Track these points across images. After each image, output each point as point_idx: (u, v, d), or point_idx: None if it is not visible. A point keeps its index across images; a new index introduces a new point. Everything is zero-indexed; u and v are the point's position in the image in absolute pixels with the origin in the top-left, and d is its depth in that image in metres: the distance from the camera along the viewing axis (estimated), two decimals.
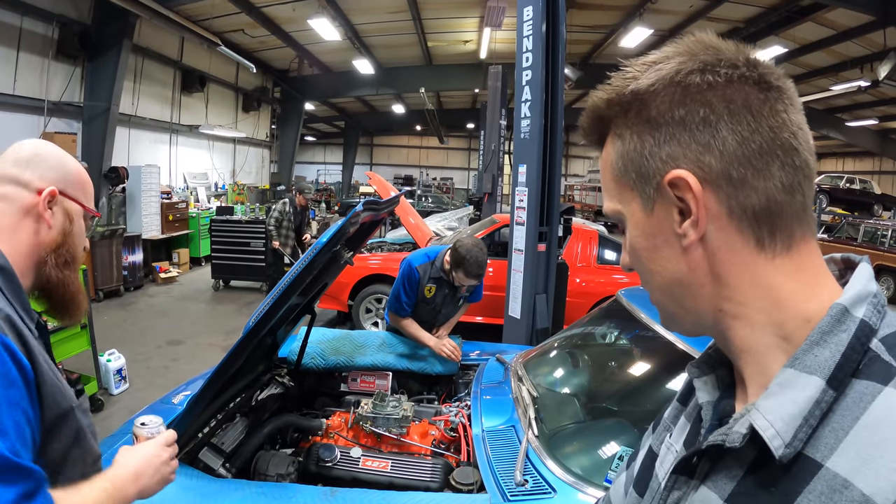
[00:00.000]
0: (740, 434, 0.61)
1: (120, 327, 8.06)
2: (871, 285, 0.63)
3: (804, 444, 0.56)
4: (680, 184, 0.64)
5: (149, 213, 11.41)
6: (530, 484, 2.18)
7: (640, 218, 0.71)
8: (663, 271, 0.70)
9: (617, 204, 0.74)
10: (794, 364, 0.60)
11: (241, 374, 2.89)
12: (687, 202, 0.65)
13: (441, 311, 3.99)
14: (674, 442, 0.82)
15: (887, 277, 13.17)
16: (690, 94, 0.64)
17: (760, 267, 0.64)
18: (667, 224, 0.67)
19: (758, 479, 0.60)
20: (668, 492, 0.73)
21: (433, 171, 38.00)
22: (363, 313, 7.90)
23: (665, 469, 0.79)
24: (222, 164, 18.30)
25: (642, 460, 0.91)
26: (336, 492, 2.16)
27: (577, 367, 3.21)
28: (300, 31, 14.98)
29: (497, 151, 10.00)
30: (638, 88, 0.67)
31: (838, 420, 0.55)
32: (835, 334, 0.59)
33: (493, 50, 15.54)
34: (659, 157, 0.66)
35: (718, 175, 0.63)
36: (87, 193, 1.36)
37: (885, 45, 12.73)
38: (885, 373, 0.55)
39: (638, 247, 0.72)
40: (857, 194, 20.80)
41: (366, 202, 2.52)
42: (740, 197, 0.63)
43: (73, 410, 1.14)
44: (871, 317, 0.60)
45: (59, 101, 10.13)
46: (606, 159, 0.74)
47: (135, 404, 5.17)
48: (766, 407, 0.60)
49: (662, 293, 0.72)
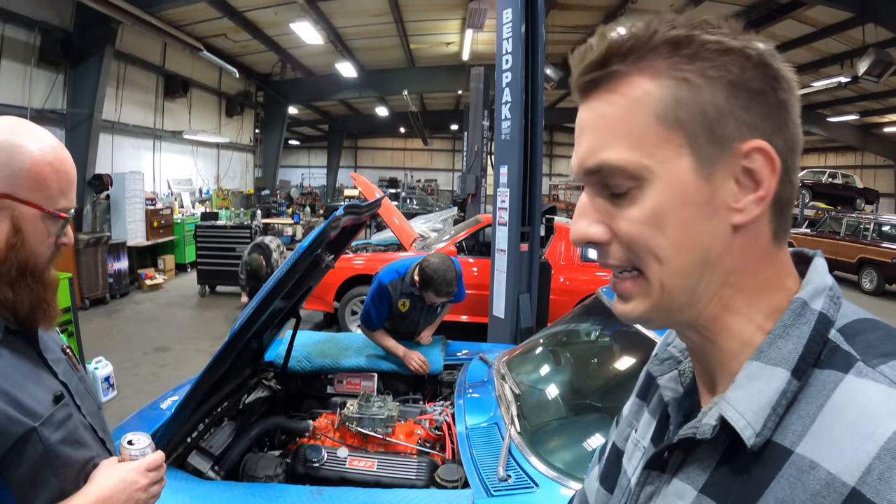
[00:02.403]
0: (710, 426, 0.62)
1: (107, 335, 8.04)
2: (827, 279, 0.66)
3: (773, 432, 0.59)
4: (756, 156, 0.61)
5: (133, 219, 11.37)
6: (513, 479, 2.23)
7: (687, 181, 0.62)
8: (695, 249, 0.63)
9: (645, 157, 0.62)
10: (759, 357, 0.62)
11: (228, 379, 2.92)
12: (758, 177, 0.61)
13: (420, 321, 4.00)
14: (640, 438, 0.84)
15: (870, 270, 13.42)
16: (774, 75, 0.62)
17: (766, 257, 0.65)
18: (722, 194, 0.62)
19: (731, 468, 0.62)
20: (641, 487, 0.75)
21: (418, 172, 38.01)
22: (349, 315, 7.94)
23: (634, 465, 0.81)
24: (206, 169, 18.23)
25: (608, 456, 0.93)
26: (323, 490, 2.20)
27: (560, 364, 3.26)
28: (282, 35, 14.96)
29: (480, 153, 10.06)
30: (727, 45, 0.61)
31: (804, 408, 0.58)
32: (796, 327, 0.62)
33: (476, 52, 15.58)
34: (743, 121, 0.61)
35: (781, 158, 0.62)
36: (45, 189, 1.15)
37: (863, 41, 12.87)
38: (844, 362, 0.58)
39: (672, 215, 0.62)
40: (840, 189, 21.04)
41: (347, 206, 2.56)
42: (785, 185, 0.63)
43: (35, 431, 1.08)
44: (829, 309, 0.63)
45: (42, 108, 10.07)
46: (644, 99, 0.62)
47: (123, 412, 5.17)
48: (736, 398, 0.61)
49: (680, 276, 0.64)
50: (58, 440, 1.12)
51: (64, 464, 1.14)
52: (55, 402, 1.16)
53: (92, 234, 9.98)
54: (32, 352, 1.20)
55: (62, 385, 1.21)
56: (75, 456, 1.17)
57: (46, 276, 1.21)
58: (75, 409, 1.23)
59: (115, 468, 1.22)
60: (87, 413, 1.28)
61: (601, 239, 0.66)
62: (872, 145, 25.05)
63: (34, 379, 1.15)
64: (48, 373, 1.20)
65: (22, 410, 1.07)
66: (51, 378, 1.20)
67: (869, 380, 0.55)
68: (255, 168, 22.56)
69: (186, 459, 2.51)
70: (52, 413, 1.13)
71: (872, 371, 0.56)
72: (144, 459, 1.27)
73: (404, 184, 33.21)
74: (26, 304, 1.15)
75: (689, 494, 0.66)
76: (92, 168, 10.73)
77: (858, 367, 0.57)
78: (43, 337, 1.25)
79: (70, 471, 1.16)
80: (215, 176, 18.93)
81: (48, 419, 1.11)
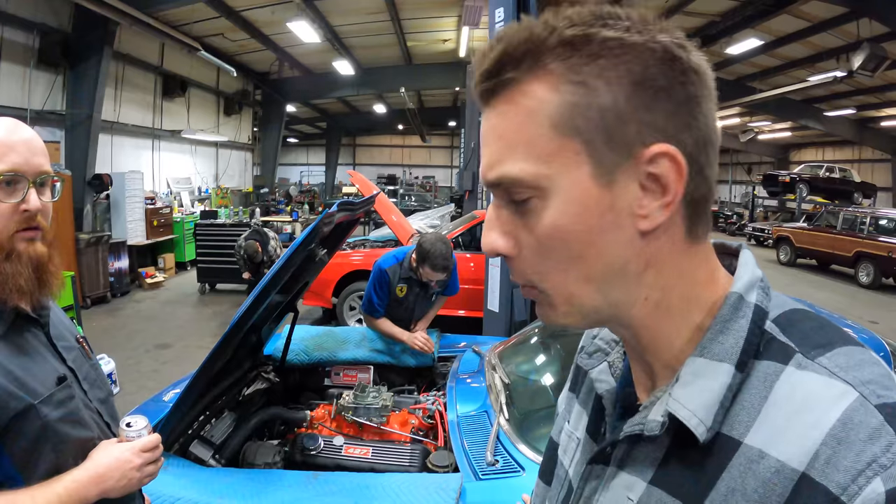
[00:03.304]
0: (658, 422, 0.62)
1: (108, 333, 8.13)
2: (757, 271, 0.67)
3: (721, 425, 0.60)
4: (662, 161, 0.58)
5: (133, 219, 11.45)
6: (501, 463, 2.32)
7: (586, 189, 0.59)
8: (601, 257, 0.61)
9: (542, 166, 0.60)
10: (702, 353, 0.62)
11: (229, 371, 3.02)
12: (664, 182, 0.59)
13: (415, 308, 4.08)
14: (573, 429, 0.84)
15: (867, 264, 13.43)
16: (682, 69, 0.59)
17: (685, 256, 0.64)
18: (624, 201, 0.60)
19: (680, 460, 0.63)
20: (585, 481, 0.76)
21: (416, 169, 38.00)
22: (347, 310, 8.04)
23: (570, 457, 0.83)
24: (205, 168, 18.27)
25: (546, 450, 0.94)
26: (318, 475, 2.30)
27: (550, 355, 3.35)
28: (280, 33, 14.98)
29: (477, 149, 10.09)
30: (628, 41, 0.58)
31: (748, 399, 0.59)
32: (735, 321, 0.62)
33: (472, 48, 15.58)
34: (645, 123, 0.58)
35: (690, 159, 0.60)
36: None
37: (858, 35, 12.91)
38: (783, 353, 0.60)
39: (571, 226, 0.60)
40: (837, 183, 21.10)
41: (341, 202, 2.65)
42: (697, 184, 0.61)
43: (34, 407, 1.15)
44: (763, 300, 0.64)
45: (42, 109, 10.13)
46: (537, 107, 0.59)
47: (126, 407, 5.17)
48: (684, 396, 0.61)
49: (588, 284, 0.63)
50: (56, 418, 1.20)
51: (62, 440, 1.21)
52: (58, 383, 1.24)
53: (92, 233, 10.06)
54: (43, 336, 1.29)
55: (69, 369, 1.30)
56: (74, 434, 1.25)
57: (13, 248, 1.20)
58: (81, 392, 1.32)
59: (111, 447, 1.29)
60: (94, 398, 1.37)
61: (508, 252, 0.65)
62: (869, 139, 25.02)
63: (40, 361, 1.24)
64: (56, 357, 1.29)
65: (23, 388, 1.15)
66: (58, 362, 1.29)
67: (809, 371, 0.58)
68: (254, 166, 22.58)
69: (189, 448, 2.61)
70: (52, 393, 1.21)
71: (811, 363, 0.58)
72: (140, 440, 1.33)
73: (402, 181, 33.22)
74: None
75: (638, 486, 0.66)
76: (92, 168, 10.78)
77: (798, 359, 0.59)
78: (56, 325, 1.34)
79: (67, 447, 1.23)
80: (214, 174, 18.97)
81: (48, 398, 1.19)
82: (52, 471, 1.20)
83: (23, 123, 1.25)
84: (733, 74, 18.95)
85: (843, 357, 0.58)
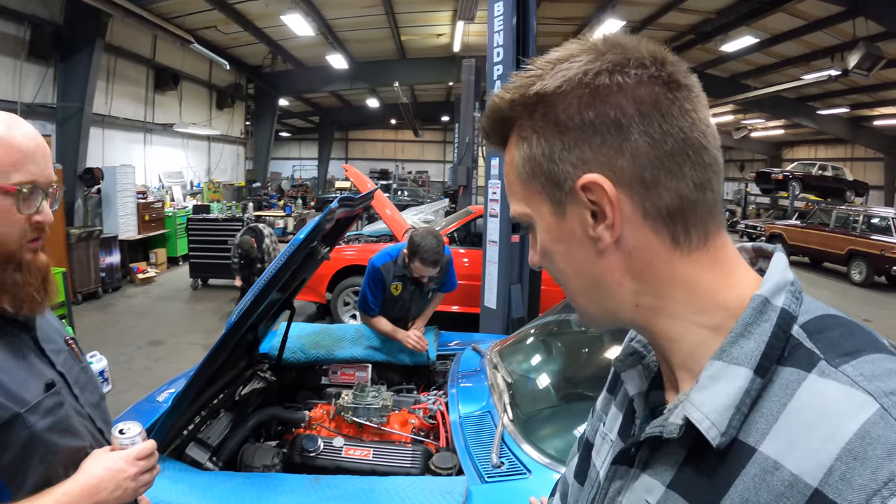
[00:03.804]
0: (677, 425, 0.63)
1: (100, 329, 8.04)
2: (788, 274, 0.65)
3: (738, 431, 0.59)
4: (594, 188, 0.64)
5: (125, 213, 11.34)
6: (506, 466, 2.27)
7: (551, 222, 0.69)
8: (579, 273, 0.70)
9: (525, 207, 0.72)
10: (721, 356, 0.62)
11: (224, 371, 2.95)
12: (601, 206, 0.64)
13: (411, 306, 4.05)
14: (607, 431, 0.85)
15: (859, 262, 13.52)
16: (600, 97, 0.63)
17: (678, 262, 0.65)
18: (580, 227, 0.66)
19: (697, 465, 0.63)
20: (609, 482, 0.76)
21: (409, 164, 37.94)
22: (341, 306, 8.01)
23: (602, 458, 0.83)
24: (197, 162, 18.17)
25: (581, 450, 0.95)
26: (320, 479, 2.24)
27: (551, 353, 3.31)
28: (273, 26, 14.90)
29: (471, 144, 10.05)
30: (544, 90, 0.65)
31: (768, 406, 0.58)
32: (758, 325, 0.61)
33: (467, 43, 15.57)
34: (569, 162, 0.65)
35: (632, 178, 0.63)
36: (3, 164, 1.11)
37: (854, 34, 12.95)
38: (808, 360, 0.58)
39: (550, 250, 0.71)
40: (830, 181, 21.21)
41: (341, 198, 2.59)
42: (654, 198, 0.63)
43: (20, 417, 1.08)
44: (791, 305, 0.62)
45: (33, 102, 10.01)
46: (511, 162, 0.71)
47: (119, 406, 5.15)
48: (700, 400, 0.61)
49: (580, 295, 0.72)
50: (44, 427, 1.13)
51: (50, 451, 1.15)
52: (46, 390, 1.16)
53: (83, 228, 9.95)
54: (29, 340, 1.21)
55: (58, 374, 1.23)
56: (63, 444, 1.18)
57: (23, 258, 1.17)
58: (71, 398, 1.25)
59: (103, 457, 1.23)
60: (85, 403, 1.29)
61: (537, 265, 0.77)
62: (862, 138, 25.17)
63: (26, 367, 1.16)
64: (44, 362, 1.22)
65: (8, 396, 1.08)
66: (45, 367, 1.21)
67: (831, 380, 0.56)
68: (246, 160, 22.49)
69: (184, 451, 2.54)
70: (40, 401, 1.14)
71: (835, 371, 0.56)
72: (134, 448, 1.27)
73: (395, 175, 33.15)
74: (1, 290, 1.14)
75: (657, 490, 0.67)
76: (83, 162, 10.68)
77: (821, 367, 0.57)
78: (43, 327, 1.26)
79: (56, 458, 1.16)
80: (206, 169, 18.88)
81: (35, 406, 1.12)
82: (42, 483, 1.13)
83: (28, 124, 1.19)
84: (727, 72, 19.03)
85: (870, 365, 0.56)
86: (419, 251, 3.59)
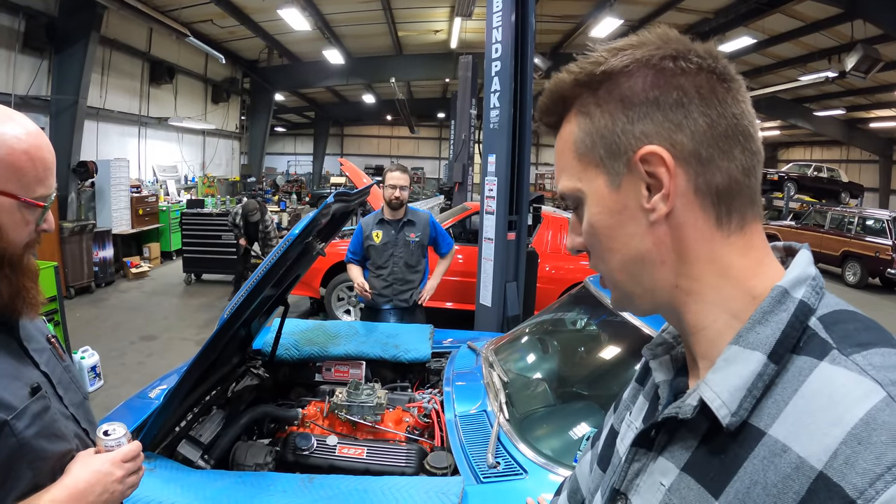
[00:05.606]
0: (691, 406, 0.66)
1: (92, 324, 8.00)
2: (811, 269, 0.68)
3: (749, 414, 0.62)
4: (652, 159, 0.67)
5: (118, 207, 11.29)
6: (502, 466, 2.25)
7: (605, 194, 0.72)
8: (625, 248, 0.72)
9: (577, 182, 0.75)
10: (738, 341, 0.65)
11: (217, 367, 2.91)
12: (658, 177, 0.68)
13: (394, 252, 4.58)
14: (633, 419, 0.88)
15: (854, 263, 13.57)
16: (665, 77, 0.68)
17: (717, 244, 0.69)
18: (634, 200, 0.70)
19: (710, 447, 0.66)
20: (629, 464, 0.78)
21: (404, 160, 37.81)
22: (335, 301, 7.97)
23: (626, 445, 0.84)
24: (192, 156, 18.10)
25: (605, 439, 0.97)
26: (314, 478, 2.20)
27: (547, 352, 3.28)
28: (270, 20, 14.83)
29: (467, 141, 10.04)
30: (611, 69, 0.69)
31: (780, 392, 0.61)
32: (776, 314, 0.64)
33: (464, 39, 15.53)
34: (632, 134, 0.69)
35: (689, 153, 0.67)
36: (20, 178, 1.10)
37: (851, 37, 12.97)
38: (821, 349, 0.61)
39: (599, 224, 0.74)
40: (825, 182, 21.20)
41: (337, 194, 2.55)
42: (707, 175, 0.67)
43: (7, 424, 1.06)
44: (810, 297, 0.65)
45: (27, 94, 9.92)
46: (568, 138, 0.76)
47: (110, 401, 5.15)
48: (714, 380, 0.65)
49: (622, 272, 0.74)
50: (32, 433, 1.11)
51: (39, 457, 1.13)
52: (31, 394, 1.14)
53: (77, 221, 9.90)
54: (13, 342, 1.18)
55: (43, 375, 1.20)
56: (51, 449, 1.16)
57: (24, 263, 1.17)
58: (56, 400, 1.22)
59: (90, 460, 1.21)
60: (69, 404, 1.26)
61: (580, 247, 0.80)
62: (858, 140, 25.26)
63: (11, 371, 1.13)
64: (28, 364, 1.19)
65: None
66: (30, 369, 1.18)
67: (841, 367, 0.58)
68: (241, 155, 22.44)
69: (176, 448, 2.51)
70: (26, 406, 1.11)
71: (846, 359, 0.59)
72: (120, 450, 1.25)
73: None
74: (5, 295, 1.13)
75: (671, 472, 0.70)
76: (77, 155, 10.61)
77: (833, 355, 0.60)
78: (26, 326, 1.23)
79: (45, 464, 1.14)
80: (201, 163, 18.81)
81: (22, 412, 1.09)
82: (30, 490, 1.10)
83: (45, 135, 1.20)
84: None
85: (880, 357, 0.58)
86: (385, 170, 4.35)
